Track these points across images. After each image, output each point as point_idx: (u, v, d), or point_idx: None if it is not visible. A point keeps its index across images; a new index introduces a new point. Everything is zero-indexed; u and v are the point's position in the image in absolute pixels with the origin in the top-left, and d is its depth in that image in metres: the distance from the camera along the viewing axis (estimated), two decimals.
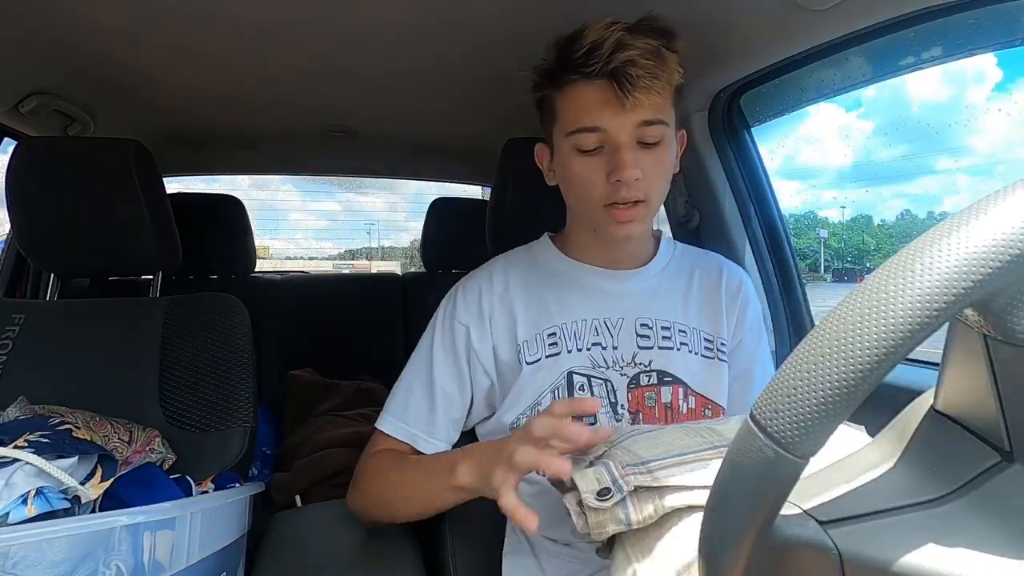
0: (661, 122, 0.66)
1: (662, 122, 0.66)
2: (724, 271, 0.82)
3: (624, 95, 0.62)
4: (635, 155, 0.65)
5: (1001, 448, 0.28)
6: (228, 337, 0.97)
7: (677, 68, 0.66)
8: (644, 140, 0.66)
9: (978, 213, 0.22)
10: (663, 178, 0.69)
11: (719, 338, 0.77)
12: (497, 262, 0.82)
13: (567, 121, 0.68)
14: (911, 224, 4.92)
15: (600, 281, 0.78)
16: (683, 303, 0.78)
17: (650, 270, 0.79)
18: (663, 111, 0.66)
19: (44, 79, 1.10)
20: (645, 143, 0.66)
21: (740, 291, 0.81)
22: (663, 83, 0.64)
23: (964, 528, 0.27)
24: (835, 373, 0.23)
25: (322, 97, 1.33)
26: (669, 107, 0.67)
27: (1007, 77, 1.92)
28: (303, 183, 19.11)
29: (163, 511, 0.60)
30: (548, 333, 0.74)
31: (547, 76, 0.69)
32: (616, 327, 0.75)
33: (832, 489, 0.29)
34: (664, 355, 0.74)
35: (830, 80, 1.02)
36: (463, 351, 0.75)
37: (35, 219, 0.97)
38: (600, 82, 0.64)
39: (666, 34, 0.66)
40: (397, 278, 2.07)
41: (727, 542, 0.27)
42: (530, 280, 0.78)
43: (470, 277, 0.80)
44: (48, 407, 0.79)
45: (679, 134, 0.74)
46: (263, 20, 0.93)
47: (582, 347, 0.73)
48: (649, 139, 0.66)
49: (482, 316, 0.76)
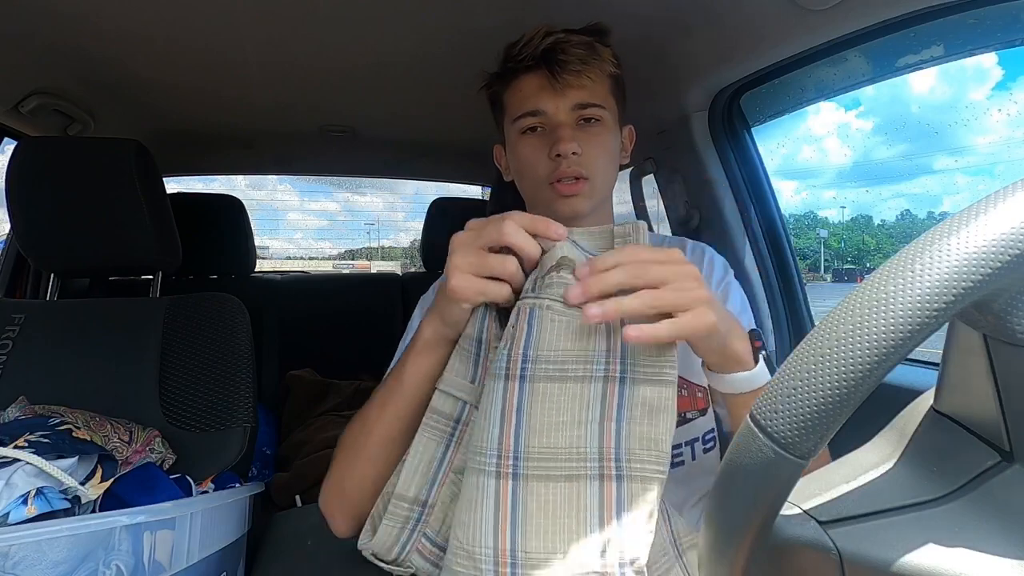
0: (597, 106, 0.71)
1: (598, 106, 0.71)
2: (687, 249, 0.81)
3: (554, 77, 0.69)
4: (572, 132, 0.70)
5: (1001, 448, 0.28)
6: (228, 337, 0.97)
7: (611, 59, 0.71)
8: (582, 119, 0.71)
9: (978, 213, 0.22)
10: (604, 158, 0.72)
11: None
12: None
13: (512, 110, 0.73)
14: (911, 224, 4.94)
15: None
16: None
17: None
18: (598, 96, 0.71)
19: (44, 79, 1.10)
20: (585, 121, 0.71)
21: (725, 280, 0.79)
22: (594, 69, 0.69)
23: (964, 528, 0.27)
24: (835, 373, 0.23)
25: (322, 97, 1.33)
26: (607, 95, 0.72)
27: (1007, 77, 1.93)
28: (301, 183, 19.15)
29: (163, 511, 0.60)
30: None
31: (495, 75, 0.76)
32: None
33: (832, 489, 0.29)
34: None
35: (830, 80, 1.02)
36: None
37: (35, 219, 0.97)
38: (537, 72, 0.70)
39: (600, 32, 0.72)
40: (397, 278, 2.07)
41: (727, 542, 0.27)
42: None
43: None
44: (48, 407, 0.79)
45: (626, 129, 0.78)
46: (263, 20, 0.93)
47: None
48: (587, 116, 0.71)
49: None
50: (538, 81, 0.70)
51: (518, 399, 0.46)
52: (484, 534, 0.44)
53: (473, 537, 0.44)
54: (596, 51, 0.70)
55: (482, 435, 0.46)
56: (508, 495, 0.45)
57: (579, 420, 0.46)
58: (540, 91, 0.70)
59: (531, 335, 0.47)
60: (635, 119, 0.80)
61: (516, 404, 0.46)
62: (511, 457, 0.45)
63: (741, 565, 0.27)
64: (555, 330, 0.47)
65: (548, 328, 0.47)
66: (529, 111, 0.71)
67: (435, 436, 0.53)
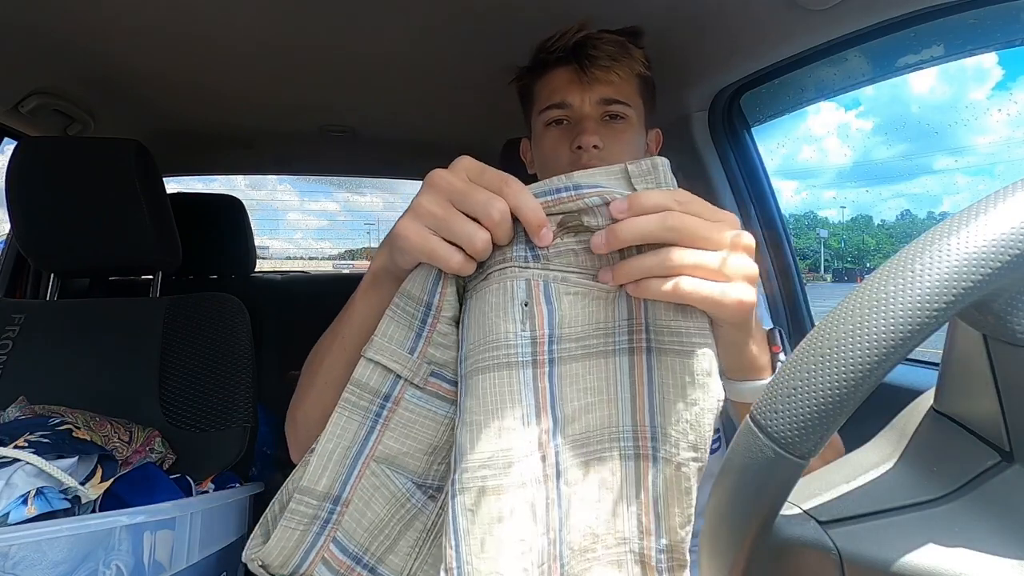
0: (623, 103, 0.71)
1: (624, 103, 0.71)
2: None
3: (583, 71, 0.70)
4: (596, 126, 0.71)
5: (1001, 448, 0.28)
6: (228, 337, 0.97)
7: (642, 60, 0.73)
8: (607, 115, 0.72)
9: (978, 213, 0.22)
10: (626, 155, 0.72)
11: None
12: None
13: (540, 102, 0.75)
14: (911, 224, 4.93)
15: None
16: None
17: None
18: (625, 94, 0.71)
19: (44, 79, 1.10)
20: (610, 117, 0.72)
21: None
22: (623, 66, 0.70)
23: (964, 528, 0.27)
24: (835, 373, 0.23)
25: (322, 97, 1.33)
26: (634, 94, 0.73)
27: (1007, 77, 1.94)
28: (300, 183, 19.15)
29: (163, 511, 0.60)
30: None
31: (526, 69, 0.78)
32: None
33: (832, 489, 0.29)
34: None
35: (830, 80, 1.02)
36: None
37: (35, 219, 0.97)
38: (567, 66, 0.71)
39: (635, 34, 0.74)
40: None
41: (727, 542, 0.27)
42: None
43: None
44: (48, 407, 0.79)
45: (652, 132, 0.79)
46: (263, 20, 0.93)
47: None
48: (612, 113, 0.72)
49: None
50: (567, 75, 0.71)
51: (550, 388, 0.40)
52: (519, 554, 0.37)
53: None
54: (627, 50, 0.71)
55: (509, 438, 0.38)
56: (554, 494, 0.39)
57: (609, 398, 0.41)
58: (568, 84, 0.71)
59: (552, 313, 0.40)
60: None
61: (549, 395, 0.40)
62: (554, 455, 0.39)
63: (741, 565, 0.27)
64: (574, 305, 0.41)
65: (565, 303, 0.40)
66: (556, 103, 0.72)
67: (356, 415, 0.43)
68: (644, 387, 0.40)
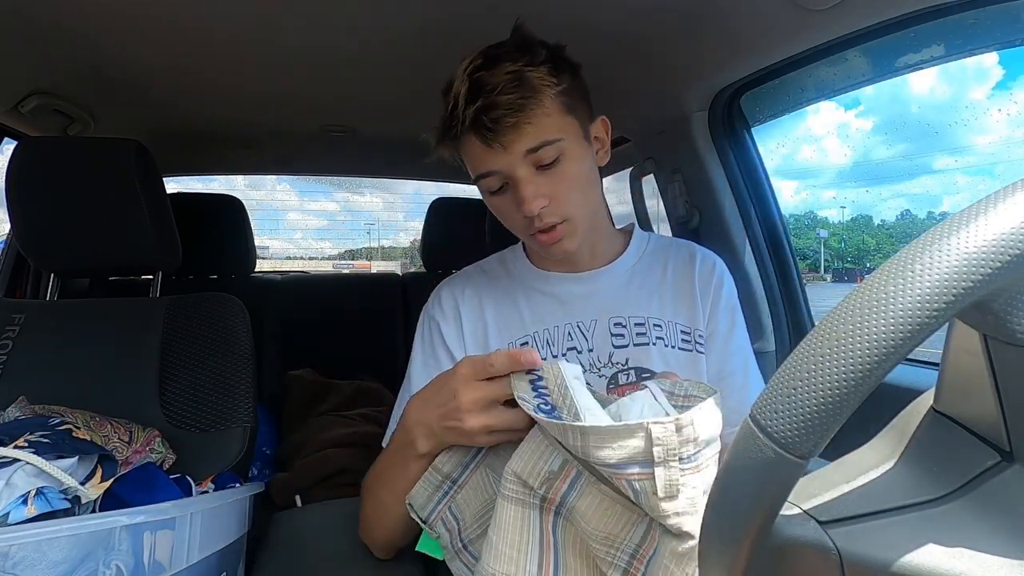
0: (549, 142, 0.65)
1: (550, 142, 0.65)
2: (697, 257, 0.81)
3: (489, 144, 0.64)
4: (535, 185, 0.66)
5: (1001, 448, 0.28)
6: (228, 337, 0.97)
7: (549, 80, 0.64)
8: (540, 164, 0.66)
9: (978, 213, 0.22)
10: (576, 192, 0.68)
11: (696, 330, 0.76)
12: (471, 271, 0.84)
13: (470, 169, 0.70)
14: (911, 224, 4.93)
15: (568, 285, 0.78)
16: (658, 296, 0.77)
17: (619, 267, 0.80)
18: (547, 131, 0.64)
19: (44, 79, 1.10)
20: (543, 166, 0.66)
21: (713, 274, 0.79)
22: (530, 111, 0.63)
23: (964, 528, 0.27)
24: (835, 373, 0.23)
25: (322, 97, 1.33)
26: (556, 122, 0.65)
27: (1007, 76, 1.93)
28: (300, 183, 19.14)
29: (163, 511, 0.60)
30: (520, 343, 0.75)
31: (440, 137, 0.70)
32: (590, 329, 0.75)
33: (832, 489, 0.29)
34: (640, 351, 0.74)
35: (830, 80, 1.02)
36: (442, 350, 0.76)
37: (35, 219, 0.97)
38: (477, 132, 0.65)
39: (528, 47, 0.65)
40: (397, 278, 2.07)
41: (727, 542, 0.27)
42: (501, 290, 0.79)
43: (447, 282, 0.82)
44: (48, 407, 0.79)
45: (595, 124, 0.72)
46: (263, 20, 0.93)
47: (556, 353, 0.74)
48: (545, 161, 0.65)
49: (458, 321, 0.77)
50: (482, 143, 0.65)
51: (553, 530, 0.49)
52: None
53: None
54: (526, 88, 0.63)
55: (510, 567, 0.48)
56: None
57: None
58: (485, 153, 0.66)
59: (570, 494, 0.49)
60: (636, 119, 0.80)
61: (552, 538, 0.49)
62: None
63: (741, 565, 0.27)
64: (593, 505, 0.48)
65: (587, 500, 0.48)
66: (482, 173, 0.68)
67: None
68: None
